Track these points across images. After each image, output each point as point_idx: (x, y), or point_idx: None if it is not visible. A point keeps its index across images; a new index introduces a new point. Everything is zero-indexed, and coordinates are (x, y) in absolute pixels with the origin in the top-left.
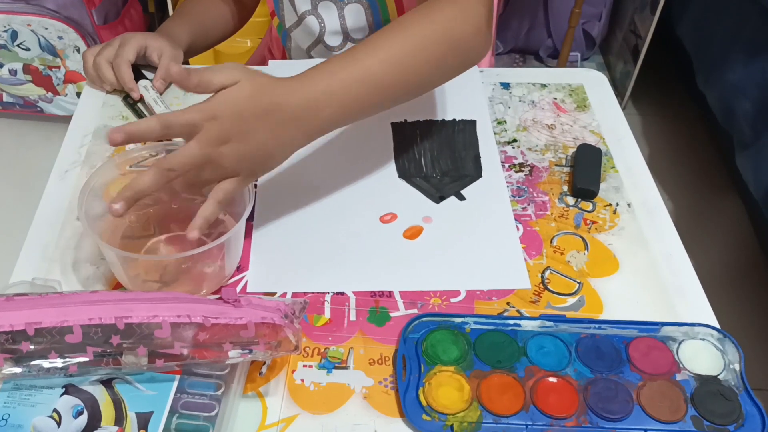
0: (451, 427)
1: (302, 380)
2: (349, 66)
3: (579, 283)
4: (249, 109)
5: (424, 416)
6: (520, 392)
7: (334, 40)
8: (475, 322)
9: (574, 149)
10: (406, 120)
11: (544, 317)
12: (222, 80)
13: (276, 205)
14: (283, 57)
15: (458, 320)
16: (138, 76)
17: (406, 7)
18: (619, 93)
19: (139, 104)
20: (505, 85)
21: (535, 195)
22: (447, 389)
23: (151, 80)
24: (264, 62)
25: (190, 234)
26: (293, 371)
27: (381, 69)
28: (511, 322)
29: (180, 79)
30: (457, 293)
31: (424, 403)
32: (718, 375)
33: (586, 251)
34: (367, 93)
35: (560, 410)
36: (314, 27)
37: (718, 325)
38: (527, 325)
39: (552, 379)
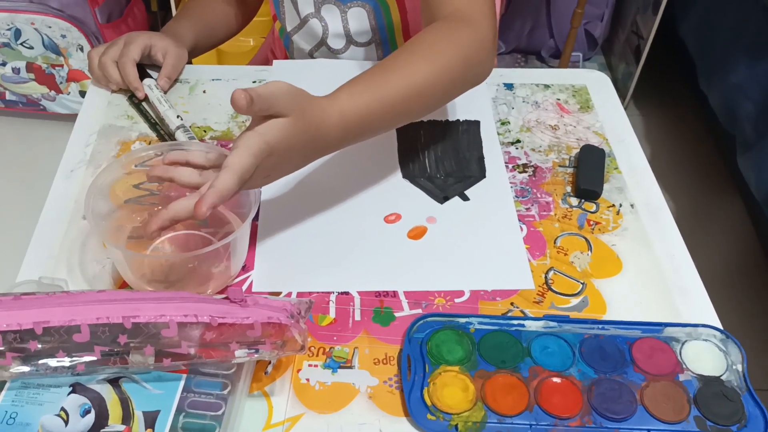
0: (456, 426)
1: (308, 380)
2: (380, 93)
3: (582, 283)
4: (297, 145)
5: (429, 416)
6: (525, 392)
7: (337, 43)
8: (480, 323)
9: (578, 150)
10: None
11: (548, 318)
12: (278, 109)
13: (281, 206)
14: (285, 58)
15: (463, 320)
16: (143, 75)
17: (409, 10)
18: (621, 93)
19: (143, 103)
20: (509, 86)
21: (538, 196)
22: (451, 389)
23: (155, 79)
24: (267, 62)
25: (201, 207)
26: (299, 371)
27: (406, 95)
28: (515, 322)
29: (245, 105)
30: (461, 293)
31: (428, 402)
32: (721, 376)
33: (589, 252)
34: (392, 119)
35: (564, 410)
36: (317, 30)
37: (720, 326)
38: (531, 326)
39: (556, 380)
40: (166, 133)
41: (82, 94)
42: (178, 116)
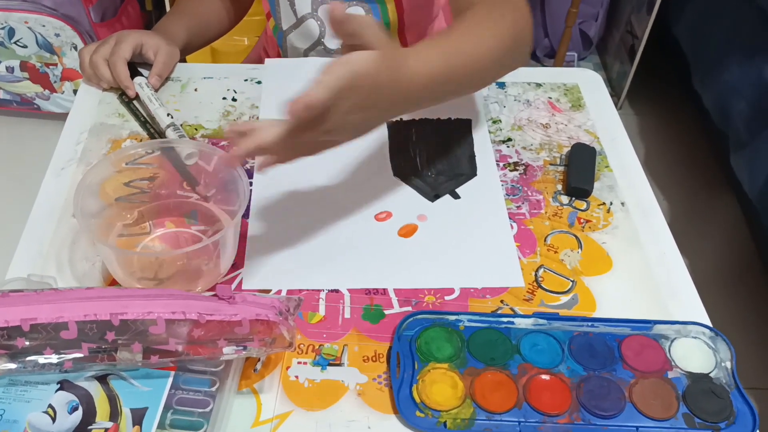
0: (444, 423)
1: (296, 377)
2: (455, 54)
3: (572, 281)
4: (383, 84)
5: (418, 413)
6: (513, 389)
7: (334, 43)
8: (469, 320)
9: (569, 148)
10: (401, 119)
11: (537, 315)
12: (368, 38)
13: (271, 203)
14: (278, 56)
15: (452, 318)
16: (135, 73)
17: (406, 10)
18: (615, 93)
19: (134, 102)
20: (501, 85)
21: (529, 194)
22: (440, 386)
23: (146, 77)
24: (261, 61)
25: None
26: (288, 368)
27: (476, 59)
28: (505, 320)
29: (341, 19)
30: (451, 291)
31: (417, 399)
32: (710, 373)
33: (579, 250)
34: (466, 81)
35: (553, 407)
36: (314, 30)
37: (710, 324)
38: (521, 323)
39: (545, 377)
40: (157, 131)
41: (77, 93)
42: (168, 114)
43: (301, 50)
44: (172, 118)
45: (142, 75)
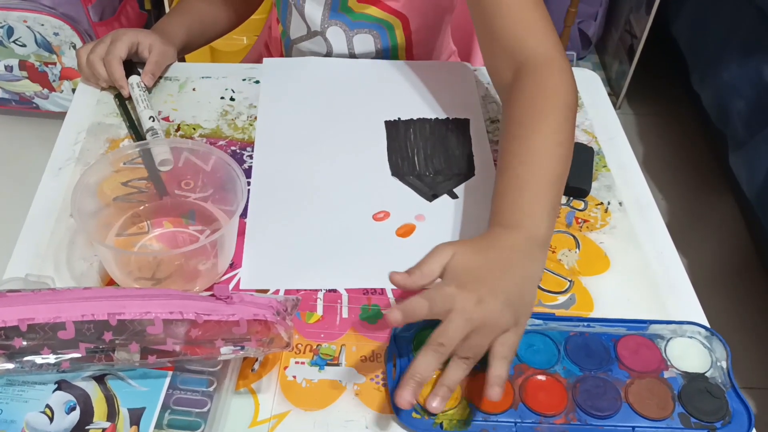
0: (441, 424)
1: (294, 377)
2: (530, 189)
3: (570, 281)
4: (484, 266)
5: (414, 414)
6: (509, 390)
7: None
8: None
9: None
10: (399, 118)
11: (533, 315)
12: (441, 260)
13: (269, 203)
14: (281, 56)
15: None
16: (132, 72)
17: (414, 31)
18: (614, 92)
19: (128, 101)
20: None
21: None
22: None
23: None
24: (260, 60)
25: (492, 392)
26: (285, 368)
27: (550, 174)
28: None
29: (403, 282)
30: None
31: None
32: (706, 372)
33: (577, 249)
34: (550, 199)
35: (549, 408)
36: (321, 48)
37: (707, 323)
38: None
39: (541, 377)
40: (143, 134)
41: (75, 92)
42: (151, 117)
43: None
44: (153, 121)
45: (139, 74)
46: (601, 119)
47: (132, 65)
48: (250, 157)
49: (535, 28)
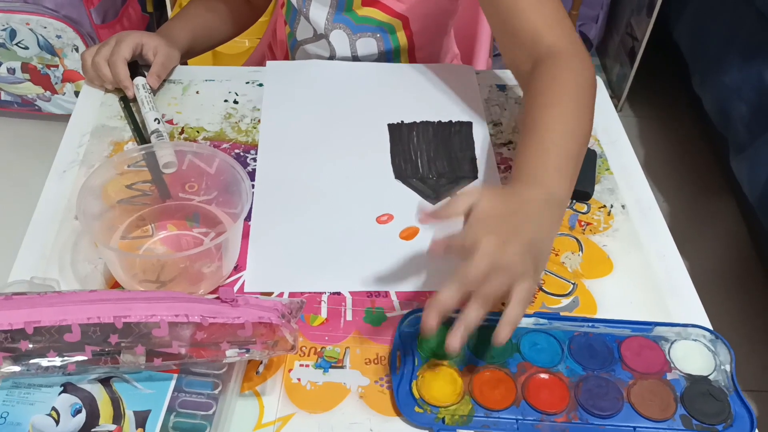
0: (443, 419)
1: (299, 379)
2: (550, 154)
3: (573, 284)
4: (508, 212)
5: (417, 408)
6: (512, 387)
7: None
8: None
9: None
10: (402, 121)
11: (538, 315)
12: (468, 201)
13: (273, 206)
14: (286, 58)
15: (453, 315)
16: (137, 74)
17: (415, 33)
18: (615, 95)
19: (133, 104)
20: (501, 87)
21: None
22: (440, 383)
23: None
24: (263, 63)
25: (501, 332)
26: (290, 370)
27: (570, 143)
28: None
29: (431, 216)
30: None
31: (416, 395)
32: (709, 375)
33: (580, 252)
34: (569, 165)
35: (551, 406)
36: (325, 51)
37: (710, 326)
38: (521, 322)
39: (544, 376)
40: (147, 136)
41: (78, 94)
42: (156, 119)
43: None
44: (158, 123)
45: (144, 75)
46: (603, 122)
47: (137, 67)
48: (254, 159)
49: (553, 22)
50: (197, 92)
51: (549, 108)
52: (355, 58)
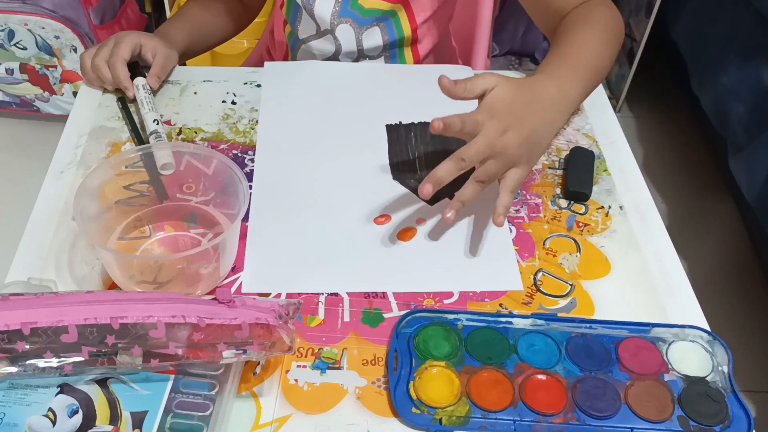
0: (440, 420)
1: (296, 380)
2: (571, 59)
3: (571, 285)
4: (517, 102)
5: (414, 410)
6: (509, 388)
7: (347, 60)
8: (468, 319)
9: (567, 152)
10: (400, 122)
11: (535, 316)
12: (484, 85)
13: (271, 207)
14: (285, 59)
15: (451, 316)
16: (137, 74)
17: (419, 23)
18: (614, 96)
19: (132, 104)
20: None
21: (528, 197)
22: (437, 384)
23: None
24: (261, 63)
25: (497, 220)
26: (287, 371)
27: (591, 57)
28: (503, 319)
29: (448, 88)
30: (450, 294)
31: (414, 396)
32: (706, 376)
33: (578, 253)
34: (586, 74)
35: (548, 407)
36: (329, 47)
37: (708, 328)
38: (519, 323)
39: (541, 377)
40: (145, 137)
41: (76, 95)
42: (155, 120)
43: (317, 58)
44: (157, 124)
45: (144, 76)
46: (602, 123)
47: (137, 68)
48: (252, 160)
49: None
50: (195, 93)
51: (579, 29)
52: (360, 52)
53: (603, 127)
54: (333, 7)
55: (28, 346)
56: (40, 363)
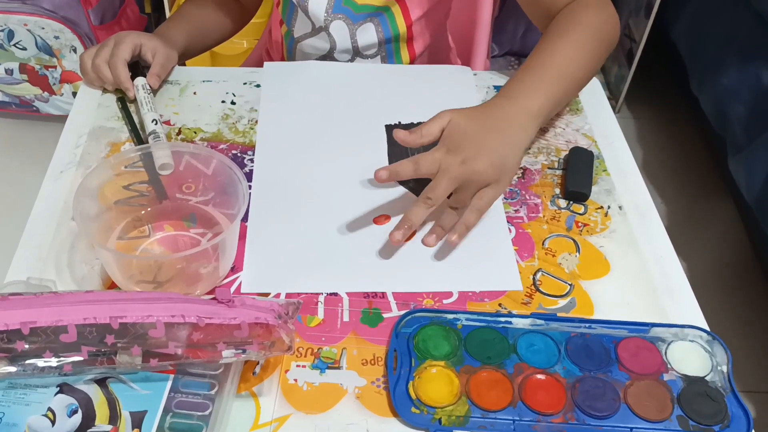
0: (439, 420)
1: (295, 380)
2: (538, 72)
3: (570, 285)
4: (472, 129)
5: (413, 409)
6: (509, 388)
7: (343, 57)
8: (467, 319)
9: (567, 152)
10: (399, 122)
11: (535, 315)
12: (440, 124)
13: (270, 206)
14: (282, 59)
15: (450, 316)
16: (138, 74)
17: (414, 20)
18: (613, 96)
19: (131, 104)
20: (499, 88)
21: (527, 197)
22: (436, 383)
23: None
24: (261, 64)
25: (452, 238)
26: (286, 371)
27: (561, 66)
28: (503, 319)
29: (404, 139)
30: (449, 294)
31: (413, 396)
32: (706, 376)
33: (577, 253)
34: (554, 85)
35: (548, 407)
36: (324, 44)
37: (707, 327)
38: (518, 323)
39: (540, 376)
40: (146, 136)
41: (76, 95)
42: (154, 120)
43: (312, 57)
44: (156, 124)
45: (144, 76)
46: (601, 123)
47: (137, 68)
48: (251, 160)
49: None
50: (194, 93)
51: (552, 38)
52: (355, 49)
53: (602, 127)
54: (326, 3)
55: (27, 346)
56: (40, 363)
